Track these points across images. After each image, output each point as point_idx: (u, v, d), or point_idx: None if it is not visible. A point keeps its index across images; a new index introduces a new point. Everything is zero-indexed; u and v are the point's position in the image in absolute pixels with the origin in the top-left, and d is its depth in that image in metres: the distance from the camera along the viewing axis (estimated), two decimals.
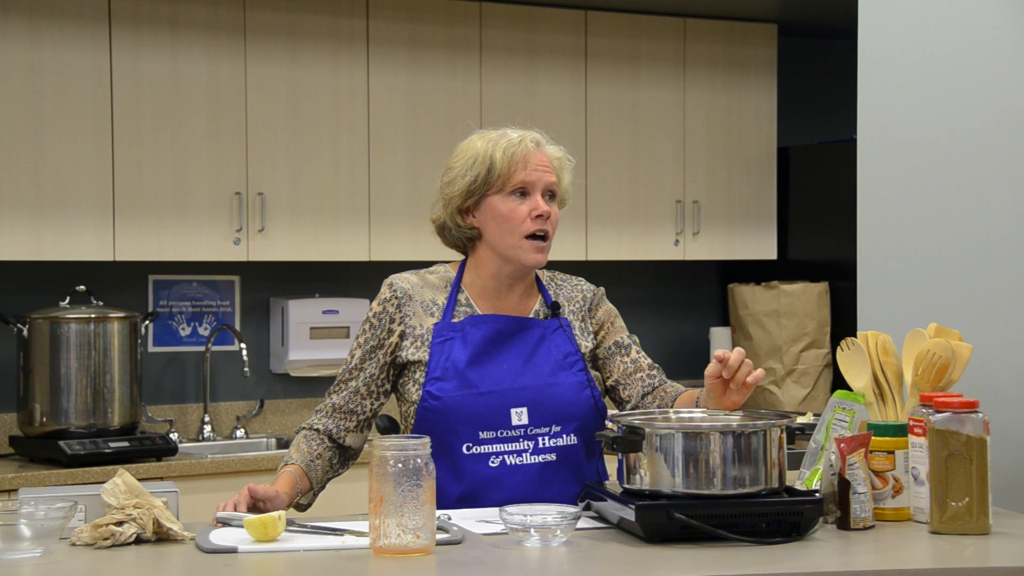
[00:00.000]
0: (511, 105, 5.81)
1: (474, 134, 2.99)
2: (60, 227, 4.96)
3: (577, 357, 2.95)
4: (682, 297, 6.59)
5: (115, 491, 2.55)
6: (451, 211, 2.96)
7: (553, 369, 2.92)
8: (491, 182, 2.91)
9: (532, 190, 2.92)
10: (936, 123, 3.39)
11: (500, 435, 2.86)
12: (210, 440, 5.45)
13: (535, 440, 2.88)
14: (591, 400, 2.93)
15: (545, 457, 2.88)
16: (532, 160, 2.92)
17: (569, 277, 3.10)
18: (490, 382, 2.88)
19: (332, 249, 5.43)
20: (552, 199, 2.95)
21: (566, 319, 3.00)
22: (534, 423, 2.88)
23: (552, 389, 2.90)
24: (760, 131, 6.41)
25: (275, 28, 5.36)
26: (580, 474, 2.92)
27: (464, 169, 2.94)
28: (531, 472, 2.87)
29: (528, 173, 2.91)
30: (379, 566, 2.38)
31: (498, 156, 2.91)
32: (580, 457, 2.93)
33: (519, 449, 2.87)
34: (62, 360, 4.86)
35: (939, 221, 3.37)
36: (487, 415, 2.86)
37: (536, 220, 2.90)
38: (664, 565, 2.39)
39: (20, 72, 4.92)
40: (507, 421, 2.87)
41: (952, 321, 3.02)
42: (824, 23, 6.51)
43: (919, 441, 2.72)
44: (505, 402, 2.87)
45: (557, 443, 2.90)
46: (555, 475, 2.89)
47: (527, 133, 2.96)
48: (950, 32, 3.38)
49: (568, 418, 2.90)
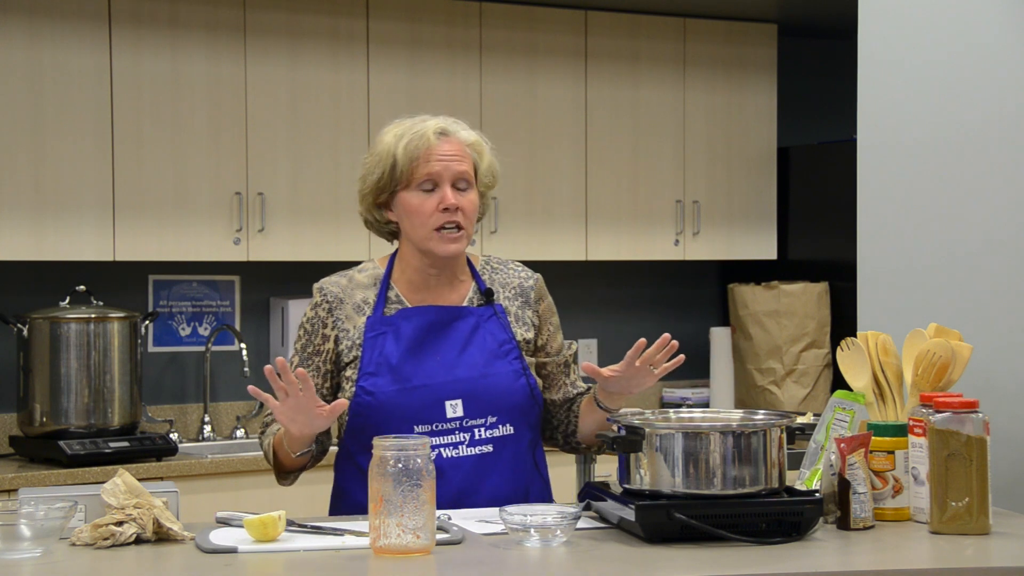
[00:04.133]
0: (511, 105, 5.81)
1: (391, 124, 2.95)
2: (60, 227, 4.96)
3: (512, 345, 2.93)
4: (682, 297, 6.58)
5: (115, 491, 2.55)
6: (367, 206, 2.96)
7: (488, 359, 2.90)
8: (396, 179, 2.89)
9: (440, 181, 2.88)
10: (936, 123, 3.38)
11: (435, 428, 2.85)
12: (210, 440, 5.45)
13: (471, 432, 2.86)
14: (527, 388, 2.91)
15: (482, 448, 2.87)
16: (435, 152, 2.88)
17: (505, 262, 3.06)
18: (423, 375, 2.85)
19: (332, 249, 5.42)
20: (467, 188, 2.90)
21: (500, 305, 2.96)
22: (469, 415, 2.86)
23: (487, 380, 2.88)
24: (760, 131, 6.41)
25: (275, 28, 5.36)
26: (519, 464, 2.91)
27: (372, 166, 2.93)
28: (468, 464, 2.86)
29: (431, 166, 2.87)
30: (379, 566, 2.38)
31: (399, 153, 2.88)
32: (519, 447, 2.91)
33: (455, 442, 2.85)
34: (62, 360, 4.86)
35: (939, 221, 3.37)
36: (421, 409, 2.84)
37: (444, 213, 2.87)
38: (664, 565, 2.40)
39: (20, 72, 4.92)
40: (441, 414, 2.85)
41: (952, 321, 3.01)
42: (824, 23, 6.51)
43: (919, 441, 2.72)
44: (439, 395, 2.85)
45: (493, 434, 2.88)
46: (493, 465, 2.87)
47: (432, 123, 2.90)
48: (950, 32, 3.38)
49: (504, 408, 2.89)
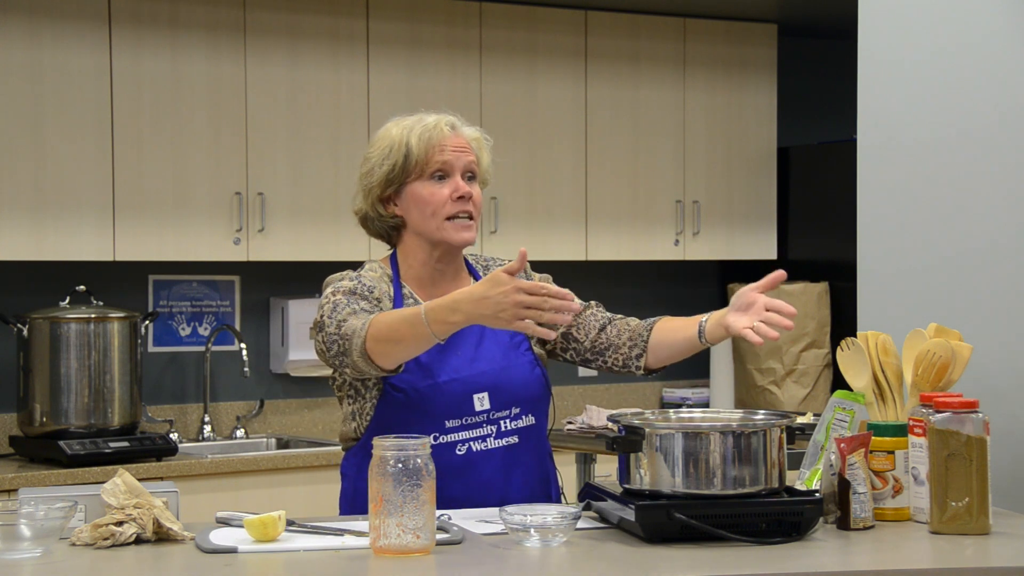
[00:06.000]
0: (511, 105, 5.81)
1: (390, 122, 2.96)
2: (60, 227, 4.96)
3: (522, 338, 2.94)
4: (682, 297, 6.58)
5: (115, 491, 2.55)
6: (372, 201, 2.95)
7: (504, 352, 2.91)
8: (409, 168, 2.89)
9: (451, 172, 2.89)
10: (936, 123, 3.38)
11: (465, 422, 2.85)
12: (210, 440, 5.45)
13: (497, 424, 2.88)
14: (541, 379, 2.94)
15: (508, 440, 2.88)
16: (448, 142, 2.89)
17: (493, 259, 3.08)
18: (450, 370, 2.85)
19: (332, 249, 5.42)
20: (472, 179, 2.92)
21: None
22: (495, 407, 2.87)
23: (508, 372, 2.90)
24: (760, 131, 6.41)
25: (275, 28, 5.36)
26: (542, 453, 2.95)
27: (381, 158, 2.91)
28: (497, 456, 2.87)
29: (445, 155, 2.89)
30: (379, 566, 2.38)
31: (414, 141, 2.89)
32: (540, 436, 2.94)
33: (483, 435, 2.86)
34: (62, 360, 4.86)
35: (939, 221, 3.37)
36: (452, 403, 2.85)
37: (458, 202, 2.87)
38: (664, 565, 2.40)
39: (20, 72, 4.92)
40: (470, 408, 2.86)
41: (952, 321, 3.01)
42: (824, 23, 6.51)
43: (919, 441, 2.72)
44: (467, 389, 2.86)
45: (518, 424, 2.90)
46: (520, 457, 2.89)
47: (442, 116, 2.93)
48: (950, 32, 3.38)
49: (525, 399, 2.90)
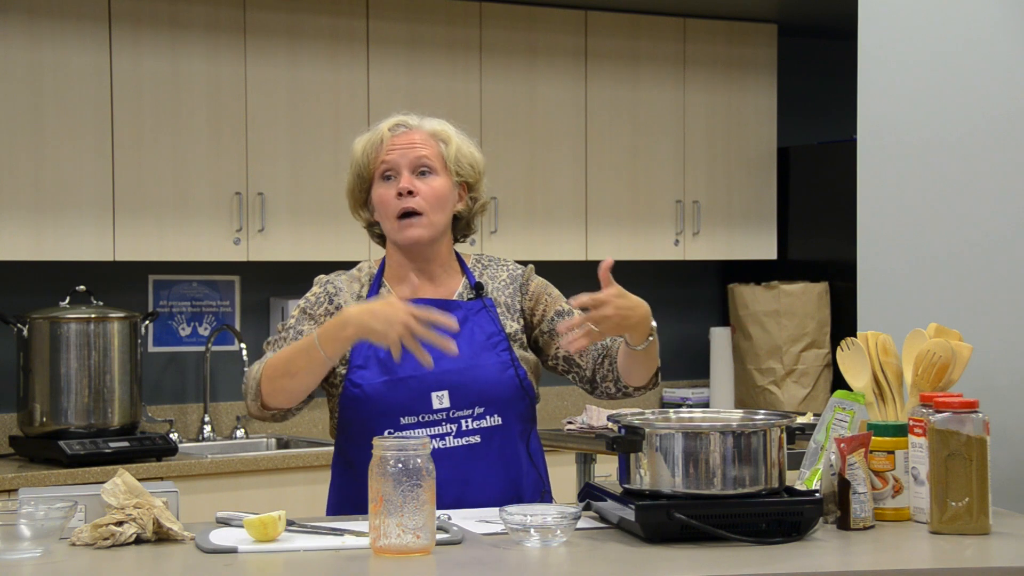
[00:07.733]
0: (511, 105, 5.81)
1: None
2: (60, 227, 4.96)
3: (501, 338, 2.92)
4: (682, 297, 6.58)
5: (115, 491, 2.55)
6: (353, 210, 3.02)
7: (475, 351, 2.90)
8: (364, 176, 2.95)
9: (397, 170, 2.91)
10: (936, 123, 3.38)
11: (422, 419, 2.85)
12: (210, 440, 5.45)
13: (458, 423, 2.86)
14: (515, 380, 2.90)
15: (469, 439, 2.87)
16: (396, 142, 2.92)
17: (496, 258, 3.07)
18: (410, 367, 2.84)
19: (332, 249, 5.42)
20: (428, 174, 2.91)
21: (490, 299, 2.96)
22: (456, 406, 2.86)
23: (474, 371, 2.88)
24: (760, 131, 6.41)
25: (275, 28, 5.36)
26: (509, 454, 2.91)
27: (349, 170, 2.99)
28: (456, 455, 2.85)
29: (385, 154, 2.91)
30: (379, 566, 2.38)
31: (359, 151, 2.95)
32: (507, 438, 2.91)
33: (441, 433, 2.85)
34: (62, 360, 4.86)
35: (939, 221, 3.37)
36: (407, 401, 2.85)
37: (400, 199, 2.89)
38: (664, 565, 2.39)
39: (20, 72, 4.92)
40: (428, 405, 2.85)
41: (952, 321, 3.01)
42: (824, 23, 6.51)
43: (919, 441, 2.72)
44: (425, 386, 2.85)
45: (481, 424, 2.88)
46: (483, 456, 2.87)
47: (391, 119, 2.96)
48: (950, 32, 3.38)
49: (491, 399, 2.88)
